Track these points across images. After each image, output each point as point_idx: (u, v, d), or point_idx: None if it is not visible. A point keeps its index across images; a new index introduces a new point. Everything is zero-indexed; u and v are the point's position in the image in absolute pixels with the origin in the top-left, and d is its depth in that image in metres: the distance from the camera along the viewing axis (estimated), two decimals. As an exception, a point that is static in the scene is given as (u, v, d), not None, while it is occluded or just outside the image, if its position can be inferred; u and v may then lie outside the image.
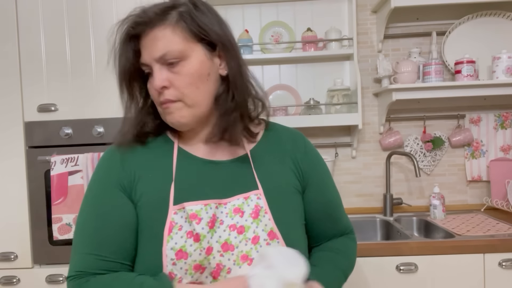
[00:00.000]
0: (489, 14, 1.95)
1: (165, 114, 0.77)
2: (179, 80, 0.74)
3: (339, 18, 2.03)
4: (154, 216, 0.75)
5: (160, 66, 0.73)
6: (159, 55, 0.73)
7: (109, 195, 0.77)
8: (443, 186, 2.06)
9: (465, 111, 2.04)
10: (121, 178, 0.78)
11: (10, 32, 1.54)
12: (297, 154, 0.87)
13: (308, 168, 0.87)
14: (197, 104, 0.76)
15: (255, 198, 0.78)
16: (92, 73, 1.54)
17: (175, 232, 0.73)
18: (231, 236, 0.74)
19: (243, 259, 0.74)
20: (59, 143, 1.54)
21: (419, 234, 1.88)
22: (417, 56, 1.97)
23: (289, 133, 0.91)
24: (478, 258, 1.46)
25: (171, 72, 0.74)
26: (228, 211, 0.76)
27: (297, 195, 0.84)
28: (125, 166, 0.79)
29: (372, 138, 2.07)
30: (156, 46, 0.72)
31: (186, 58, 0.74)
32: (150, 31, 0.73)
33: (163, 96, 0.74)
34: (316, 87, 2.04)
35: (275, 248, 0.74)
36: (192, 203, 0.75)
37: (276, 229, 0.76)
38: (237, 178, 0.80)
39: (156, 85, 0.73)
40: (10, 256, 1.54)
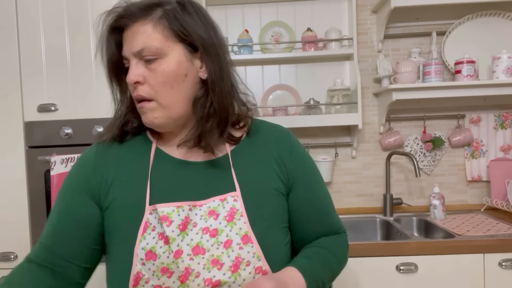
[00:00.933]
0: (489, 14, 1.95)
1: (141, 114, 0.77)
2: (153, 77, 0.73)
3: (339, 18, 2.03)
4: (130, 216, 0.74)
5: (137, 61, 0.73)
6: (136, 50, 0.72)
7: (72, 197, 0.78)
8: (443, 186, 2.06)
9: (465, 111, 2.04)
10: (90, 182, 0.77)
11: (10, 32, 1.54)
12: (282, 154, 0.83)
13: (294, 168, 0.83)
14: (171, 105, 0.74)
15: (231, 200, 0.76)
16: (92, 73, 1.54)
17: (149, 232, 0.72)
18: (203, 239, 0.72)
19: (214, 263, 0.71)
20: (59, 143, 1.54)
21: (419, 234, 1.88)
22: (417, 56, 1.97)
23: (274, 131, 0.87)
24: (478, 258, 1.46)
25: (147, 69, 0.73)
26: (202, 213, 0.74)
27: (279, 197, 0.80)
28: (97, 169, 0.78)
29: (372, 138, 2.07)
30: (136, 40, 0.72)
31: (163, 57, 0.73)
32: (132, 25, 0.73)
33: (136, 92, 0.74)
34: (316, 87, 2.04)
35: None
36: (164, 204, 0.73)
37: (251, 233, 0.74)
38: (214, 180, 0.78)
39: (129, 79, 0.73)
40: (10, 256, 1.54)
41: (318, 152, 2.07)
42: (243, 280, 0.72)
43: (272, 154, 0.83)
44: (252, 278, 0.73)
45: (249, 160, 0.81)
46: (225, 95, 0.76)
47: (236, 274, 0.72)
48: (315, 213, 0.85)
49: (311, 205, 0.85)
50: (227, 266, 0.71)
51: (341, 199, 2.08)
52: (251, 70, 2.05)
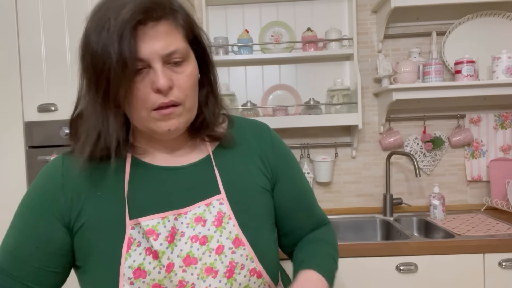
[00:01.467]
0: (489, 14, 1.95)
1: (164, 120, 0.67)
2: (183, 80, 0.67)
3: (339, 18, 2.03)
4: (110, 234, 0.68)
5: (162, 63, 0.64)
6: (167, 52, 0.64)
7: (33, 219, 0.70)
8: (443, 186, 2.06)
9: (465, 111, 2.04)
10: (57, 201, 0.70)
11: (10, 32, 1.54)
12: (264, 149, 0.81)
13: (277, 162, 0.82)
14: (193, 108, 0.71)
15: (217, 204, 0.72)
16: (92, 73, 1.54)
17: (134, 249, 0.67)
18: (194, 248, 0.69)
19: (208, 272, 0.68)
20: (59, 143, 1.54)
21: (419, 234, 1.88)
22: (417, 56, 1.97)
23: (254, 127, 0.84)
24: (478, 258, 1.46)
25: (173, 72, 0.66)
26: (189, 221, 0.70)
27: (265, 194, 0.79)
28: (66, 186, 0.70)
29: (372, 138, 2.07)
30: (165, 41, 0.64)
31: (188, 59, 0.68)
32: (156, 23, 0.64)
33: (167, 98, 0.65)
34: (316, 87, 2.04)
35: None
36: (148, 217, 0.68)
37: (241, 235, 0.71)
38: (197, 184, 0.74)
39: (164, 84, 0.63)
40: (10, 256, 1.54)
41: (318, 152, 2.07)
42: (239, 284, 0.70)
43: (255, 150, 0.81)
44: (247, 281, 0.71)
45: (232, 158, 0.78)
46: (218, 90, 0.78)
47: (231, 280, 0.70)
48: (300, 206, 0.85)
49: (296, 199, 0.84)
50: (222, 272, 0.69)
51: (341, 199, 2.08)
52: (251, 70, 2.05)
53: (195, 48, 0.72)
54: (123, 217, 0.69)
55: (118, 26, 0.60)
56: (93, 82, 0.65)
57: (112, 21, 0.61)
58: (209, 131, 0.76)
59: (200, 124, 0.75)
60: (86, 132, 0.67)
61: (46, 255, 0.70)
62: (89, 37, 0.64)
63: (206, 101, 0.75)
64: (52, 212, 0.70)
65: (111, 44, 0.60)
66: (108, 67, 0.61)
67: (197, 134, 0.77)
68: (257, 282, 0.73)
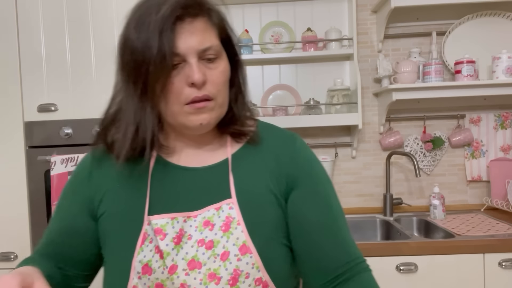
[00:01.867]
0: (489, 14, 1.95)
1: (196, 114, 0.68)
2: (216, 76, 0.68)
3: (339, 18, 2.03)
4: (127, 226, 0.71)
5: (197, 59, 0.66)
6: (203, 47, 0.66)
7: (68, 208, 0.77)
8: (443, 186, 2.06)
9: (465, 111, 2.04)
10: (85, 191, 0.76)
11: (10, 32, 1.54)
12: (282, 158, 0.76)
13: (294, 171, 0.75)
14: (225, 104, 0.72)
15: (227, 208, 0.71)
16: (92, 73, 1.54)
17: (146, 244, 0.69)
18: (199, 253, 0.68)
19: (211, 278, 0.67)
20: (59, 143, 1.54)
21: (419, 234, 1.88)
22: (417, 56, 1.97)
23: (278, 134, 0.81)
24: (478, 258, 1.46)
25: (207, 68, 0.68)
26: (197, 225, 0.70)
27: (278, 205, 0.73)
28: (92, 177, 0.77)
29: (372, 138, 2.07)
30: (201, 37, 0.66)
31: (221, 56, 0.70)
32: (193, 19, 0.66)
33: (201, 92, 0.66)
34: (316, 87, 2.04)
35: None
36: (158, 216, 0.70)
37: (249, 242, 0.68)
38: (210, 187, 0.73)
39: (199, 79, 0.65)
40: (10, 256, 1.54)
41: (318, 152, 2.07)
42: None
43: (273, 160, 0.76)
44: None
45: (249, 165, 0.76)
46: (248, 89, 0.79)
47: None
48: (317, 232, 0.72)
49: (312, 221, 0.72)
50: (225, 280, 0.67)
51: (341, 199, 2.05)
52: (251, 70, 2.05)
53: (226, 48, 0.73)
54: (142, 212, 0.71)
55: (159, 22, 0.63)
56: (132, 76, 0.67)
57: (153, 17, 0.63)
58: (238, 126, 0.76)
59: (229, 119, 0.76)
60: (124, 125, 0.69)
61: (81, 242, 0.75)
62: (129, 34, 0.66)
63: (236, 99, 0.76)
64: (81, 201, 0.75)
65: (152, 39, 0.63)
66: (147, 61, 0.63)
67: (225, 129, 0.77)
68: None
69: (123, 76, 0.69)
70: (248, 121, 0.78)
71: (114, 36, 1.54)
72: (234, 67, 0.75)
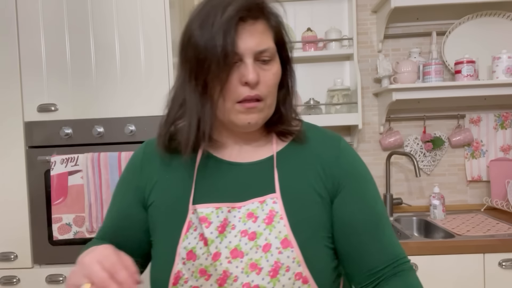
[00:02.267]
0: (489, 14, 1.95)
1: (246, 113, 0.71)
2: (269, 77, 0.71)
3: (339, 18, 2.03)
4: (173, 215, 0.76)
5: (252, 59, 0.69)
6: (260, 49, 0.69)
7: (122, 199, 0.83)
8: (443, 186, 2.06)
9: (465, 111, 2.05)
10: (137, 182, 0.81)
11: (10, 32, 1.54)
12: (329, 158, 0.78)
13: (340, 173, 0.77)
14: (273, 106, 0.75)
15: (270, 202, 0.73)
16: (92, 73, 1.54)
17: (191, 232, 0.73)
18: (242, 242, 0.71)
19: (252, 267, 0.69)
20: (59, 143, 1.54)
21: (419, 234, 1.88)
22: (417, 56, 1.97)
23: (323, 135, 0.82)
24: (478, 258, 1.46)
25: (261, 69, 0.71)
26: (241, 216, 0.73)
27: (323, 204, 0.75)
28: (144, 168, 0.82)
29: (372, 138, 2.07)
30: (260, 39, 0.69)
31: (274, 59, 0.73)
32: (255, 21, 0.70)
33: (254, 92, 0.69)
34: (316, 87, 2.04)
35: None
36: (204, 205, 0.74)
37: (291, 237, 0.70)
38: (255, 181, 0.76)
39: (253, 78, 0.68)
40: (10, 256, 1.54)
41: (318, 152, 2.07)
42: (282, 286, 0.69)
43: (318, 160, 0.78)
44: (292, 284, 0.70)
45: (294, 163, 0.78)
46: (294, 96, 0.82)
47: (275, 280, 0.69)
48: (362, 233, 0.74)
49: (358, 223, 0.74)
50: (266, 270, 0.69)
51: (341, 199, 2.07)
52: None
53: (279, 51, 0.76)
54: (187, 202, 0.75)
55: (224, 22, 0.66)
56: (194, 73, 0.70)
57: (218, 17, 0.66)
58: (285, 126, 0.79)
59: (277, 119, 0.78)
60: (188, 119, 0.73)
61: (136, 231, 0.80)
62: (193, 32, 0.69)
63: (284, 101, 0.79)
64: (133, 190, 0.81)
65: (217, 38, 0.66)
66: (210, 59, 0.66)
67: (272, 128, 0.80)
68: (302, 287, 0.70)
69: (185, 72, 0.72)
70: (293, 121, 0.80)
71: (114, 36, 1.54)
72: (285, 70, 0.78)
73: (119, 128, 1.52)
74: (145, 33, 1.52)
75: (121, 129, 1.52)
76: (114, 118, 1.53)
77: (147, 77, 1.53)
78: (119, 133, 1.52)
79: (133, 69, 1.53)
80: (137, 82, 1.53)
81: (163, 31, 1.52)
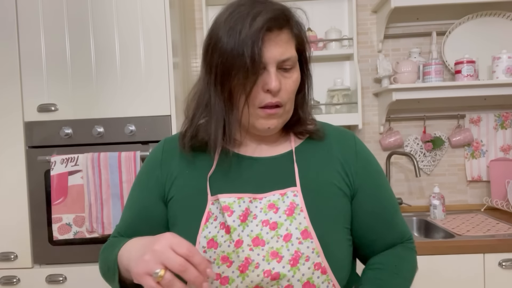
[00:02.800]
0: (489, 14, 1.95)
1: (262, 118, 0.75)
2: (289, 85, 0.75)
3: (339, 18, 2.03)
4: (193, 207, 0.78)
5: (276, 68, 0.72)
6: (284, 58, 0.72)
7: (142, 195, 0.84)
8: (443, 186, 2.06)
9: (465, 111, 2.04)
10: (158, 178, 0.83)
11: (10, 32, 1.54)
12: (347, 156, 0.83)
13: (360, 170, 0.82)
14: (291, 110, 0.79)
15: (291, 195, 0.77)
16: (92, 73, 1.54)
17: (211, 222, 0.75)
18: (263, 232, 0.74)
19: (273, 255, 0.72)
20: (59, 143, 1.54)
21: (419, 234, 1.88)
22: (417, 56, 1.97)
23: (338, 133, 0.87)
24: (478, 258, 1.46)
25: (283, 76, 0.74)
26: (262, 206, 0.76)
27: (342, 197, 0.80)
28: (163, 164, 0.84)
29: (372, 138, 2.07)
30: (284, 49, 0.72)
31: (295, 66, 0.76)
32: (280, 31, 0.72)
33: (275, 99, 0.73)
34: (316, 87, 2.01)
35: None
36: (226, 195, 0.76)
37: (311, 229, 0.74)
38: (276, 174, 0.80)
39: (276, 87, 0.71)
40: (10, 256, 1.54)
41: (318, 152, 2.07)
42: (302, 275, 0.72)
43: (336, 156, 0.82)
44: (311, 273, 0.73)
45: (313, 158, 0.82)
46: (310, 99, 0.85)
47: (295, 268, 0.72)
48: (381, 219, 0.82)
49: (378, 211, 0.82)
50: (287, 259, 0.72)
51: (341, 199, 2.07)
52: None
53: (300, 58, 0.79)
54: (205, 193, 0.78)
55: (253, 32, 0.68)
56: (219, 78, 0.73)
57: (246, 26, 0.68)
58: (302, 128, 0.83)
59: (295, 122, 0.82)
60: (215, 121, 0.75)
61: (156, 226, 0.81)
62: (221, 37, 0.71)
63: (302, 105, 0.83)
64: (153, 185, 0.82)
65: (245, 47, 0.68)
66: (238, 67, 0.69)
67: (290, 129, 0.84)
68: (321, 277, 0.74)
69: (210, 75, 0.75)
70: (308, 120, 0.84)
71: (114, 36, 1.54)
72: (304, 75, 0.81)
73: (119, 128, 1.52)
74: (145, 33, 1.52)
75: (121, 129, 1.52)
76: (114, 118, 1.53)
77: (147, 77, 1.53)
78: (119, 133, 1.52)
79: (133, 69, 1.53)
80: (137, 82, 1.53)
81: (163, 31, 1.52)
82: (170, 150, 0.85)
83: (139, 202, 0.84)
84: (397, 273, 0.79)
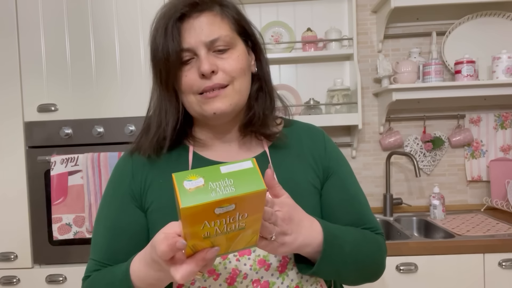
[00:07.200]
0: (489, 14, 1.95)
1: (208, 103, 0.72)
2: (229, 64, 0.72)
3: (339, 18, 2.03)
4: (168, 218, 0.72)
5: (206, 51, 0.71)
6: (210, 39, 0.70)
7: (118, 209, 0.78)
8: (443, 186, 2.06)
9: (465, 111, 2.04)
10: (131, 188, 0.78)
11: (10, 32, 1.54)
12: (317, 150, 0.83)
13: (328, 163, 0.82)
14: (243, 91, 0.75)
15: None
16: (92, 73, 1.54)
17: None
18: None
19: (261, 264, 0.71)
20: (59, 143, 1.54)
21: (419, 234, 1.88)
22: (417, 56, 1.97)
23: (309, 130, 0.87)
24: (478, 258, 1.46)
25: (218, 58, 0.72)
26: None
27: (315, 194, 0.79)
28: (135, 174, 0.79)
29: (372, 138, 2.07)
30: (208, 30, 0.71)
31: (234, 47, 0.73)
32: (200, 14, 0.71)
33: (212, 81, 0.71)
34: (316, 87, 2.04)
35: None
36: None
37: None
38: None
39: (206, 69, 0.69)
40: (10, 256, 1.54)
41: (318, 152, 2.07)
42: (291, 280, 0.71)
43: (308, 151, 0.82)
44: (300, 278, 0.72)
45: (287, 157, 0.81)
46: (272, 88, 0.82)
47: (284, 274, 0.71)
48: (349, 209, 0.81)
49: (345, 201, 0.81)
50: (275, 266, 0.71)
51: (341, 199, 2.07)
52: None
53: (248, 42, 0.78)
54: None
55: (163, 22, 0.70)
56: (154, 75, 0.76)
57: (161, 23, 0.71)
58: (261, 129, 0.79)
59: (249, 120, 0.78)
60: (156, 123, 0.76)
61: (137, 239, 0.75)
62: (151, 37, 0.74)
63: (256, 97, 0.79)
64: (130, 197, 0.77)
65: (159, 39, 0.70)
66: (158, 61, 0.71)
67: (247, 132, 0.80)
68: (309, 280, 0.73)
69: (154, 80, 0.77)
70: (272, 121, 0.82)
71: (114, 36, 1.54)
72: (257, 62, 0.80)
73: (119, 128, 1.52)
74: (145, 33, 1.52)
75: (121, 129, 1.52)
76: (114, 118, 1.53)
77: (147, 77, 1.53)
78: (119, 133, 1.52)
79: (133, 69, 1.53)
80: (137, 82, 1.53)
81: (163, 31, 1.52)
82: (139, 160, 0.80)
83: (117, 220, 0.77)
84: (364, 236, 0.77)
